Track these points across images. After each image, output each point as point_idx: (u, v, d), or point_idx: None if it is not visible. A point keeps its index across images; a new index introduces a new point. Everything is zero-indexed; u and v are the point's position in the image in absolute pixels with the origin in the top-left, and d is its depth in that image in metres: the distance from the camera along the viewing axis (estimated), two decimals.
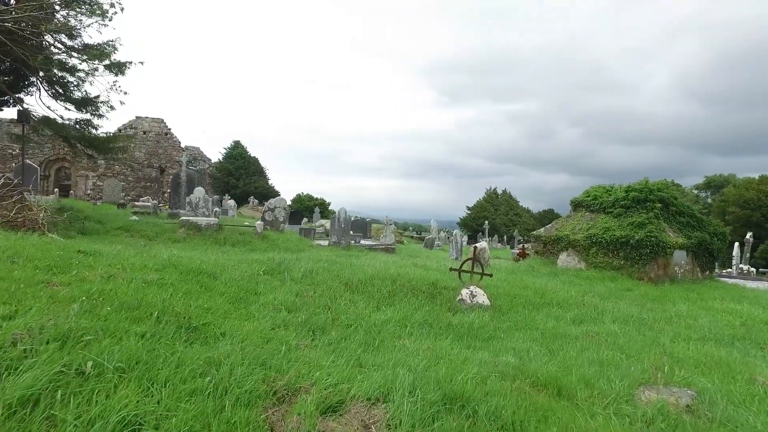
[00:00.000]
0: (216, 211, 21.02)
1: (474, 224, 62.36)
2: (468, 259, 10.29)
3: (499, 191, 69.95)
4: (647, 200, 14.55)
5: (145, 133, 37.57)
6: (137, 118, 37.50)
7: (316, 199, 51.49)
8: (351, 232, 20.64)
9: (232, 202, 28.39)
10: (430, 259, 17.95)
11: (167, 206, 25.85)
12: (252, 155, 49.41)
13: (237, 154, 47.68)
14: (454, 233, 19.67)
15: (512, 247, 51.29)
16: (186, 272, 7.13)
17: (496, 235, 51.37)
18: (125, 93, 16.45)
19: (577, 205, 16.87)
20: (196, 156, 47.20)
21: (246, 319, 5.55)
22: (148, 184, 35.38)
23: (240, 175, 46.46)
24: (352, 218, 28.02)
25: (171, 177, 28.68)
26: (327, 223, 27.94)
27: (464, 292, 8.84)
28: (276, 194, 49.66)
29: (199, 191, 18.66)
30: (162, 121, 38.28)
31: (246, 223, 18.89)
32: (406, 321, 6.82)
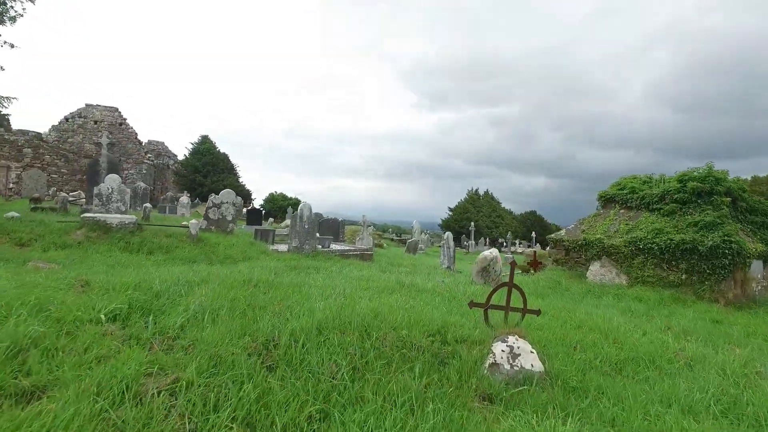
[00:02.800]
0: (147, 207, 16.31)
1: (456, 226, 58.28)
2: (501, 286, 5.81)
3: (481, 192, 66.05)
4: (713, 193, 10.46)
5: (96, 122, 32.51)
6: (87, 106, 32.42)
7: (291, 198, 46.82)
8: (318, 235, 16.16)
9: (185, 200, 23.61)
10: (417, 270, 13.55)
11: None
12: (221, 151, 44.49)
13: (204, 150, 42.71)
14: (445, 237, 15.36)
15: (499, 250, 47.51)
16: None
17: (482, 238, 47.31)
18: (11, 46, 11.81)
19: (607, 200, 12.69)
20: (159, 151, 42.18)
21: None
22: (85, 177, 29.96)
23: (207, 172, 41.49)
24: (323, 217, 23.47)
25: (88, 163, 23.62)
26: None
27: (498, 349, 4.51)
28: (247, 193, 44.88)
29: (112, 180, 13.95)
30: (116, 110, 33.26)
31: (183, 223, 14.29)
32: None
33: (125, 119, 33.47)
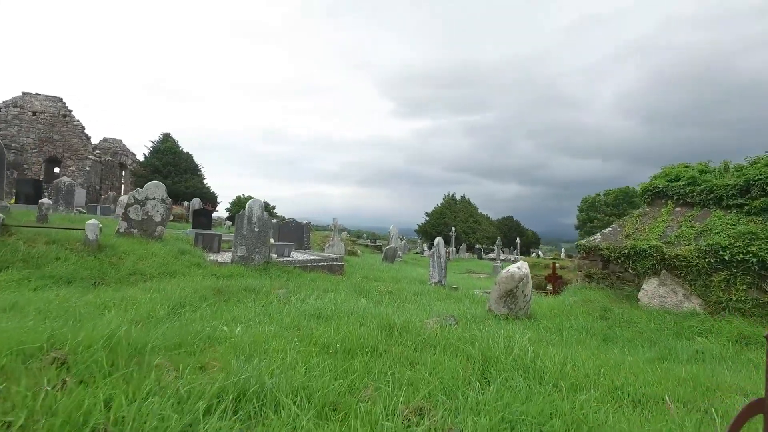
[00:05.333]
0: (43, 204, 12.23)
1: (434, 231, 54.93)
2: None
3: (458, 197, 62.88)
4: None
5: (35, 114, 27.98)
6: (24, 94, 27.87)
7: None
8: (273, 241, 12.42)
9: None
10: (401, 286, 9.91)
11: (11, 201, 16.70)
12: (185, 151, 40.09)
13: (166, 149, 38.22)
14: (435, 243, 11.80)
15: (480, 257, 44.07)
16: None
17: (464, 244, 44.00)
18: None
19: (655, 194, 9.30)
20: (116, 149, 37.63)
21: None
22: (8, 172, 25.13)
23: (169, 173, 37.01)
24: (294, 222, 19.65)
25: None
26: None
27: None
28: (212, 196, 40.59)
29: None
30: (59, 100, 28.79)
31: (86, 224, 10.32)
32: None
33: (70, 111, 29.01)
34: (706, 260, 7.30)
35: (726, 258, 7.09)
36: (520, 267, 6.51)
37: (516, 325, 5.70)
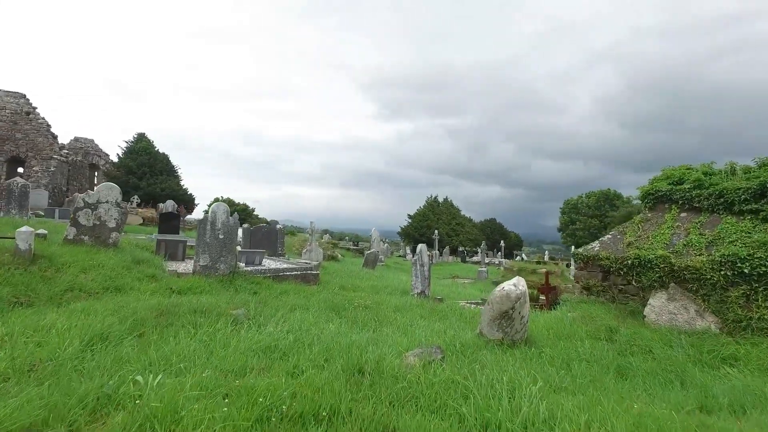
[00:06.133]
0: None
1: (416, 234, 54.05)
2: None
3: (440, 200, 62.08)
4: None
5: None
6: None
7: (238, 204, 41.37)
8: (241, 248, 11.35)
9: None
10: (381, 298, 8.88)
11: None
12: (161, 151, 38.50)
13: (141, 149, 36.62)
14: (418, 250, 10.82)
15: (463, 260, 43.21)
16: None
17: (447, 247, 43.17)
18: None
19: (657, 199, 8.43)
20: (87, 150, 35.95)
21: None
22: None
23: (143, 174, 35.44)
24: (275, 225, 18.48)
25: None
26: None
27: None
28: (189, 198, 39.09)
29: None
30: (23, 96, 27.13)
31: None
32: None
33: (34, 108, 27.37)
34: (722, 273, 6.44)
35: (745, 271, 6.24)
36: (516, 284, 5.55)
37: (515, 356, 4.74)
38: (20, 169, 27.51)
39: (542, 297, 9.37)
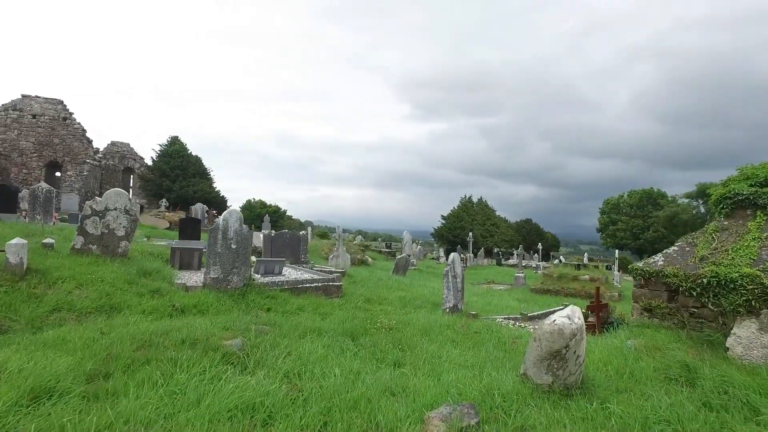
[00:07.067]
0: None
1: (450, 235, 52.66)
2: None
3: (474, 200, 60.36)
4: None
5: (35, 117, 26.63)
6: (23, 97, 26.54)
7: (270, 206, 41.03)
8: (254, 259, 10.51)
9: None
10: (408, 314, 7.76)
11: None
12: (194, 154, 38.60)
13: (174, 152, 36.76)
14: (450, 260, 9.72)
15: (499, 263, 41.60)
16: None
17: (482, 249, 41.62)
18: None
19: (737, 204, 7.03)
20: (123, 154, 36.34)
21: None
22: None
23: (176, 177, 35.52)
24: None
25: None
26: (257, 237, 17.63)
27: None
28: (221, 201, 39.05)
29: None
30: (60, 102, 27.42)
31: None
32: None
33: (71, 114, 27.62)
34: None
35: None
36: (570, 316, 4.39)
37: (571, 415, 3.60)
38: (58, 173, 27.83)
39: (589, 313, 8.08)
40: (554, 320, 4.42)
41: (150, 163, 37.04)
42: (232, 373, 4.08)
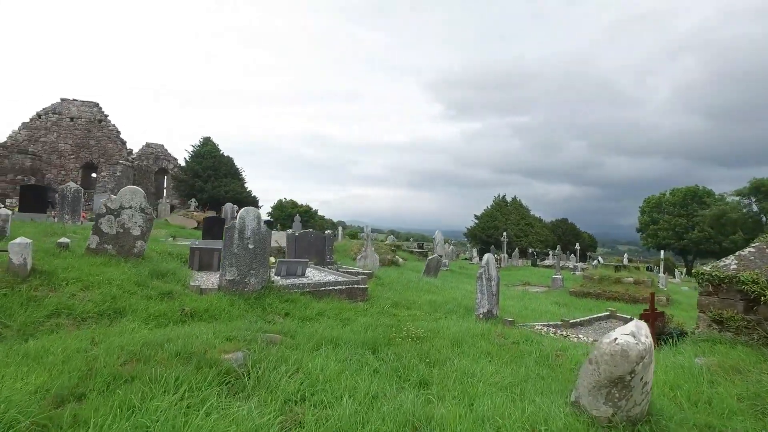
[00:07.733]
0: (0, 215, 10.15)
1: (483, 235, 51.32)
2: None
3: (508, 199, 58.69)
4: None
5: (72, 120, 27.13)
6: (62, 101, 27.09)
7: (301, 205, 40.81)
8: (273, 260, 9.93)
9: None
10: (438, 322, 6.94)
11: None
12: (226, 154, 38.75)
13: (206, 153, 36.97)
14: (484, 261, 8.88)
15: (534, 264, 40.13)
16: None
17: (517, 249, 40.23)
18: None
19: None
20: (157, 155, 36.78)
21: None
22: (19, 177, 23.16)
23: (208, 177, 35.69)
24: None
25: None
26: (281, 237, 17.18)
27: None
28: (253, 201, 39.07)
29: None
30: (96, 105, 27.85)
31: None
32: None
33: (106, 116, 28.01)
34: None
35: None
36: (636, 333, 3.53)
37: None
38: (93, 174, 28.28)
39: (650, 323, 7.10)
40: (615, 339, 3.56)
41: (183, 163, 37.37)
42: (224, 396, 3.42)
